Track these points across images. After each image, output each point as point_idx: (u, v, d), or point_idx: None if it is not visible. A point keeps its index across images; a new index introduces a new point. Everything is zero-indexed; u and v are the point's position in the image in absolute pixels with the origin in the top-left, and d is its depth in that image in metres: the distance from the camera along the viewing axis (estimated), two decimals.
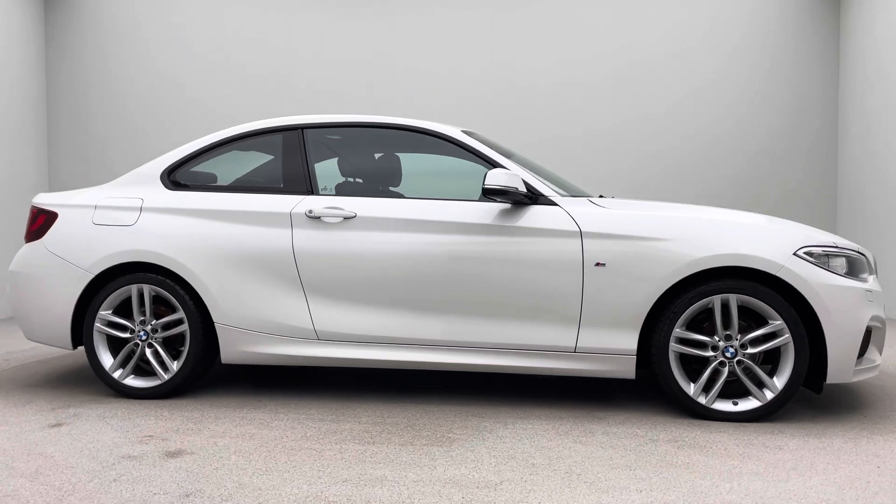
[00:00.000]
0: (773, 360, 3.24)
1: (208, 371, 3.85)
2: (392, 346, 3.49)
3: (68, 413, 3.44)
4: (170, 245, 3.65)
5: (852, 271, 3.28)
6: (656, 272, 3.23)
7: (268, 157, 4.03)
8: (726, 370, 3.21)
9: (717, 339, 3.23)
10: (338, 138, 4.01)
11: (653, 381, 3.74)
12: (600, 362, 3.33)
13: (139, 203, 3.80)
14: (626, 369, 3.31)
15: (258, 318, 3.58)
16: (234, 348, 3.62)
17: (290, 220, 3.60)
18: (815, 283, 3.13)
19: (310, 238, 3.57)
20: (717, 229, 3.27)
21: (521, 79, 7.58)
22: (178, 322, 3.66)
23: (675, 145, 7.49)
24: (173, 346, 3.73)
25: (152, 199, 3.80)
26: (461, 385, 3.97)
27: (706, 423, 3.22)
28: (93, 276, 3.70)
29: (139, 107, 7.74)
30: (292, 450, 2.87)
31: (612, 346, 3.29)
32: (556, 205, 3.42)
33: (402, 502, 2.33)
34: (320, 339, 3.56)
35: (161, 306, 3.73)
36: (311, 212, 3.59)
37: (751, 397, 3.22)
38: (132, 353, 3.71)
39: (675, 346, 3.24)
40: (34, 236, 3.92)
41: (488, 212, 3.45)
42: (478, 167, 3.60)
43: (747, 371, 3.23)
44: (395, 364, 3.50)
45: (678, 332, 3.24)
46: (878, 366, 3.34)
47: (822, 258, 3.22)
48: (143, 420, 3.30)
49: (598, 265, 3.29)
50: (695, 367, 3.30)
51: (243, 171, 4.05)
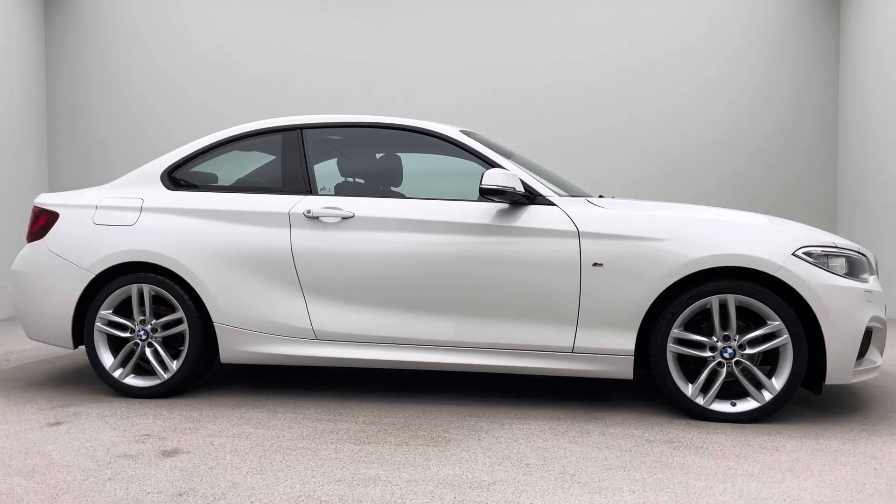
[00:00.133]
0: (773, 361, 3.22)
1: (208, 371, 3.86)
2: (389, 346, 3.49)
3: (68, 412, 3.45)
4: (169, 245, 3.66)
5: (852, 272, 3.25)
6: (654, 272, 3.22)
7: (267, 158, 4.03)
8: (724, 371, 3.20)
9: (716, 339, 3.21)
10: (337, 138, 4.01)
11: (652, 381, 3.73)
12: (597, 363, 3.32)
13: (139, 203, 3.81)
14: (624, 370, 3.31)
15: (257, 318, 3.59)
16: (233, 348, 3.63)
17: (289, 220, 3.61)
18: (813, 284, 3.12)
19: (308, 238, 3.57)
20: (716, 229, 3.26)
21: (521, 79, 7.58)
22: (178, 322, 3.67)
23: (676, 145, 7.48)
24: (173, 345, 3.74)
25: (152, 199, 3.81)
26: (460, 385, 3.97)
27: (704, 423, 3.20)
28: (93, 276, 3.72)
29: (139, 107, 7.74)
30: (288, 449, 2.87)
31: (610, 346, 3.29)
32: (553, 205, 3.41)
33: (393, 502, 2.33)
34: (318, 338, 3.56)
35: (161, 306, 3.74)
36: (309, 212, 3.59)
37: (749, 398, 3.21)
38: (132, 352, 3.72)
39: (672, 347, 3.23)
40: (36, 236, 3.94)
41: (486, 212, 3.45)
42: (477, 167, 3.60)
43: (745, 372, 3.21)
44: (393, 364, 3.50)
45: (676, 332, 3.22)
46: (878, 367, 3.33)
47: (821, 258, 3.20)
48: (142, 419, 3.31)
49: (595, 265, 3.28)
50: (693, 367, 3.28)
51: (243, 172, 4.06)
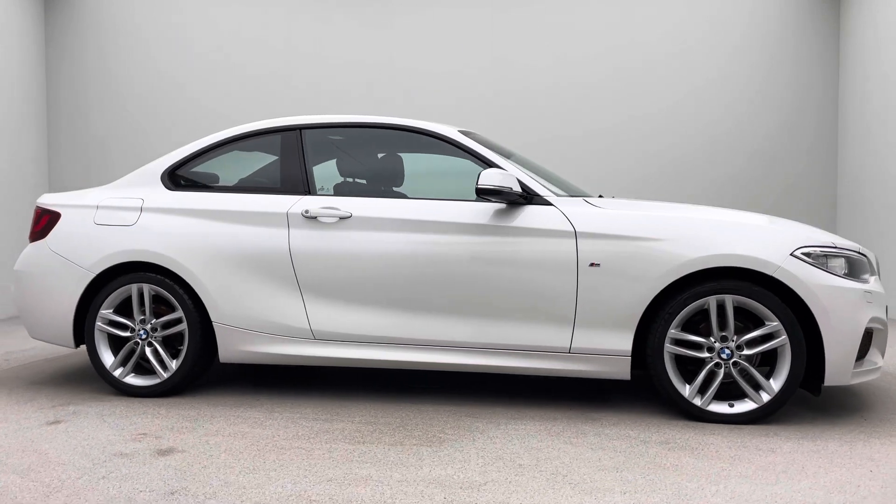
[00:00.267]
0: (771, 362, 3.20)
1: (207, 370, 3.86)
2: (387, 345, 3.49)
3: (68, 410, 3.47)
4: (169, 245, 3.67)
5: (852, 272, 3.23)
6: (651, 272, 3.21)
7: (267, 157, 4.04)
8: (722, 372, 3.19)
9: (713, 340, 3.20)
10: (336, 138, 4.02)
11: (650, 382, 3.72)
12: (595, 363, 3.31)
13: (139, 203, 3.82)
14: (621, 370, 3.30)
15: (256, 318, 3.59)
16: (232, 347, 3.64)
17: (287, 220, 3.61)
18: (812, 284, 3.10)
19: (306, 238, 3.57)
20: (713, 229, 3.25)
21: (521, 79, 7.57)
22: (177, 321, 3.68)
23: (676, 145, 7.47)
24: (173, 345, 3.75)
25: (152, 199, 3.83)
26: (458, 385, 3.97)
27: (700, 425, 3.19)
28: (94, 276, 3.73)
29: (139, 107, 7.75)
30: (282, 448, 2.88)
31: (607, 346, 3.28)
32: (550, 205, 3.40)
33: (383, 502, 2.33)
34: (316, 338, 3.57)
35: (161, 305, 3.75)
36: (307, 212, 3.59)
37: (747, 399, 3.19)
38: (132, 351, 3.74)
39: (670, 348, 3.22)
40: (38, 236, 3.96)
41: (484, 212, 3.44)
42: (476, 167, 3.59)
43: (743, 373, 3.20)
44: (390, 364, 3.51)
45: (673, 333, 3.21)
46: (879, 368, 3.29)
47: (820, 259, 3.17)
48: (140, 418, 3.31)
49: (592, 265, 3.28)
50: (690, 368, 3.27)
51: (244, 172, 4.07)
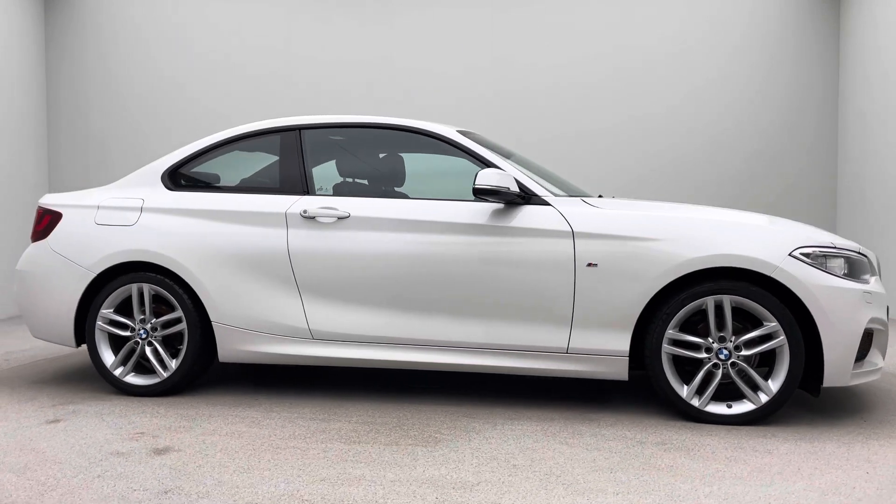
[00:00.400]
0: (770, 363, 3.19)
1: (207, 369, 3.87)
2: (385, 345, 3.49)
3: (68, 409, 3.48)
4: (168, 245, 3.68)
5: (852, 272, 3.21)
6: (648, 272, 3.20)
7: (267, 158, 4.05)
8: (720, 372, 3.18)
9: (711, 340, 3.19)
10: (335, 139, 4.02)
11: (648, 382, 3.72)
12: (592, 363, 3.31)
13: (140, 203, 3.84)
14: (619, 371, 3.30)
15: (254, 318, 3.60)
16: (231, 347, 3.64)
17: (286, 221, 3.62)
18: (810, 285, 3.08)
19: (304, 238, 3.58)
20: (712, 229, 3.24)
21: (521, 79, 7.57)
22: (177, 321, 3.69)
23: (675, 145, 7.46)
24: (173, 344, 3.76)
25: (153, 199, 3.84)
26: (457, 385, 3.96)
27: (698, 425, 3.18)
28: (94, 276, 3.75)
29: (139, 107, 7.75)
30: (278, 448, 2.88)
31: (604, 347, 3.27)
32: (548, 205, 3.40)
33: (375, 502, 2.33)
34: (315, 338, 3.57)
35: (162, 305, 3.77)
36: (305, 212, 3.60)
37: (745, 400, 3.18)
38: (132, 351, 3.75)
39: (667, 348, 3.22)
40: (40, 236, 3.98)
41: (481, 212, 3.44)
42: (476, 167, 3.58)
43: (741, 373, 3.19)
44: (388, 364, 3.51)
45: (671, 333, 3.21)
46: (880, 369, 3.27)
47: (819, 259, 3.16)
48: (139, 417, 3.32)
49: (589, 265, 3.27)
50: (688, 369, 3.26)
51: (243, 172, 4.07)
